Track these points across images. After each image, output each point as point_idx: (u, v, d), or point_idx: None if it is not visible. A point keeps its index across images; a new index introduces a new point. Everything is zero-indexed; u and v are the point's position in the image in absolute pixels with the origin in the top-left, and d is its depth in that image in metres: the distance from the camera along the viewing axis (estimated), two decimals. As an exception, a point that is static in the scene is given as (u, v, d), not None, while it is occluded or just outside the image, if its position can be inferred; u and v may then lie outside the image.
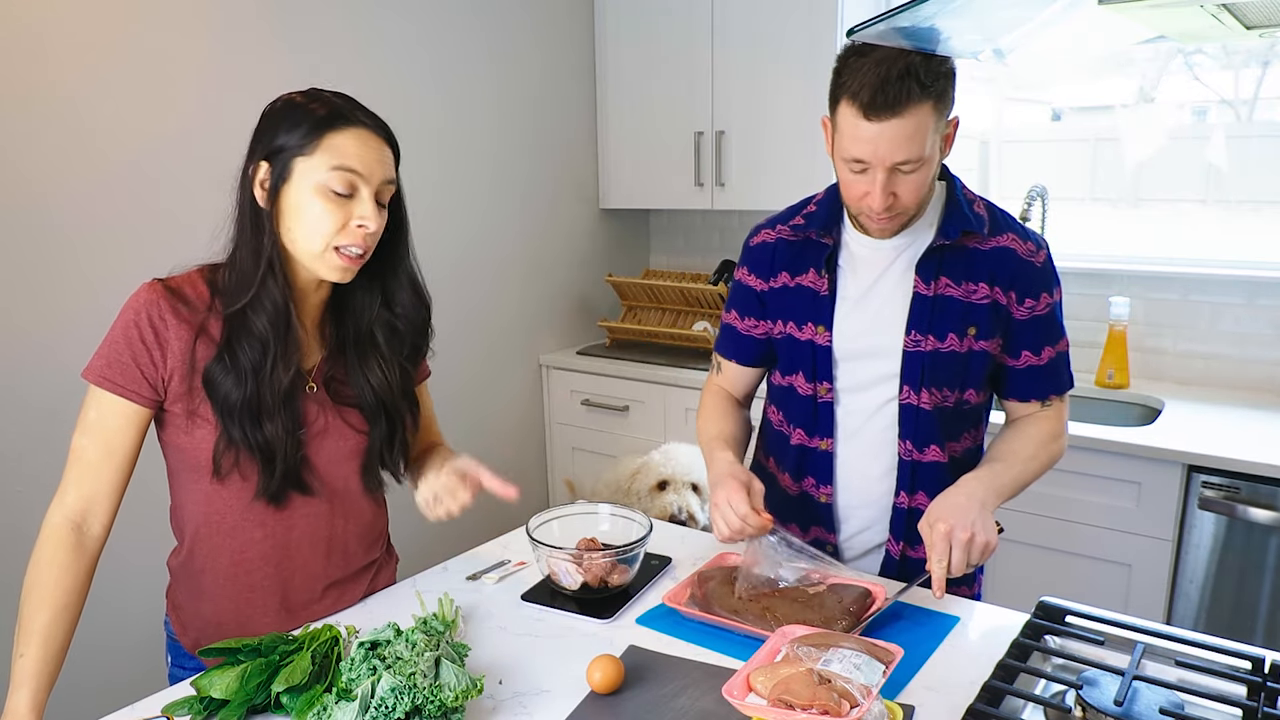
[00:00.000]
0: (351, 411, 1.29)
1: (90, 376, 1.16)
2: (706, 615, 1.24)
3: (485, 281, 2.89)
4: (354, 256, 1.17)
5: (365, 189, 1.16)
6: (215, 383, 1.16)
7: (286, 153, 1.14)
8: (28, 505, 1.84)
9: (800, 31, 2.67)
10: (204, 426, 1.18)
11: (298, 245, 1.17)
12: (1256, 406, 2.34)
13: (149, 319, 1.16)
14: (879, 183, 1.24)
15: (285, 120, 1.15)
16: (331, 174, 1.13)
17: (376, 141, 1.18)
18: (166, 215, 2.05)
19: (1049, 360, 1.39)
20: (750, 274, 1.49)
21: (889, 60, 1.18)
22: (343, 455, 1.28)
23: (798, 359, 1.44)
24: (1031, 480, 1.39)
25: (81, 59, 1.89)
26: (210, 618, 1.28)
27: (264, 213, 1.16)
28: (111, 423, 1.16)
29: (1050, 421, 1.42)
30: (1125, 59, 2.70)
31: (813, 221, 1.42)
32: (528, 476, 3.19)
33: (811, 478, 1.47)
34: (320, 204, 1.14)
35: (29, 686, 1.07)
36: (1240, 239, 2.56)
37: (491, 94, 2.82)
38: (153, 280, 1.20)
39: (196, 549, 1.26)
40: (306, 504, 1.27)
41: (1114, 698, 0.99)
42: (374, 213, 1.16)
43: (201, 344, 1.17)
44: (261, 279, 1.16)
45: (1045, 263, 1.37)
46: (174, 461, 1.24)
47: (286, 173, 1.14)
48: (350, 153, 1.14)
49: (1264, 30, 1.38)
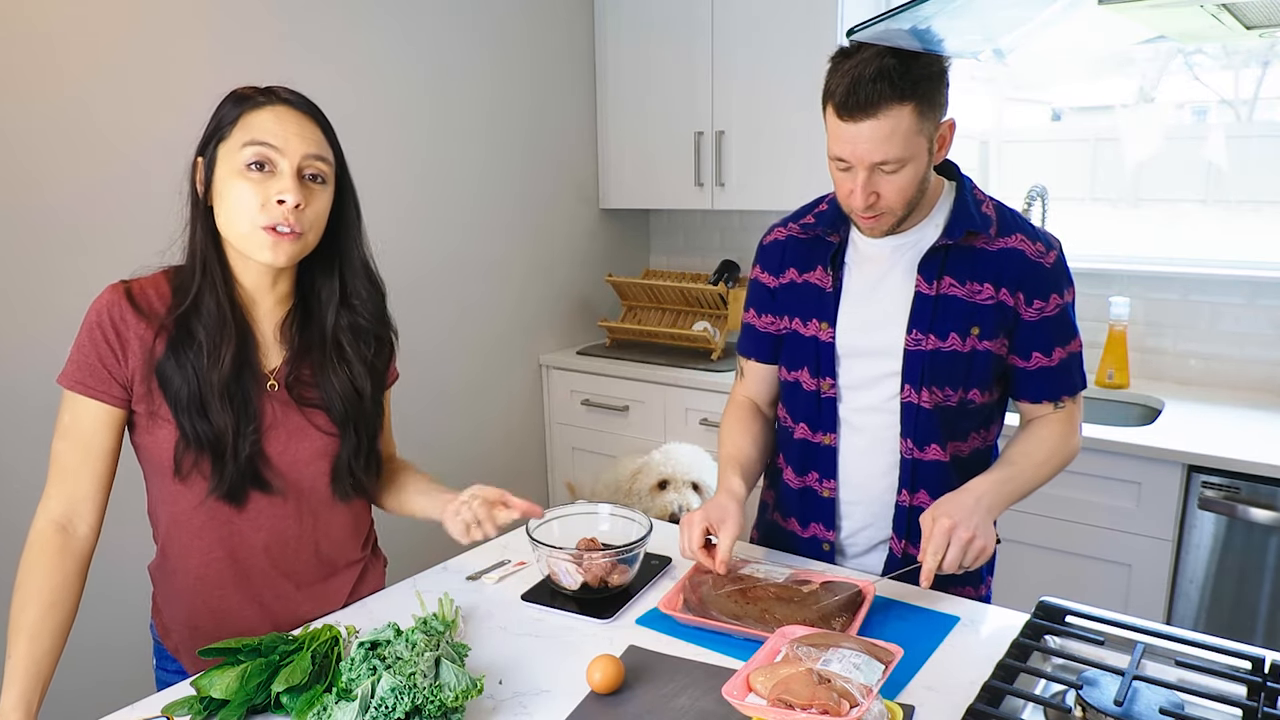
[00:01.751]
0: (317, 413, 1.28)
1: (64, 382, 1.17)
2: (704, 620, 1.24)
3: (485, 281, 2.89)
4: (282, 234, 1.15)
5: (284, 162, 1.15)
6: (166, 378, 1.17)
7: (212, 143, 1.16)
8: (27, 505, 1.83)
9: (800, 31, 2.67)
10: (164, 426, 1.19)
11: (230, 230, 1.17)
12: (1256, 406, 2.34)
13: (110, 320, 1.17)
14: (860, 182, 1.27)
15: (215, 113, 1.18)
16: (245, 150, 1.14)
17: (295, 115, 1.17)
18: (168, 215, 2.04)
19: (1060, 361, 1.39)
20: (763, 271, 1.52)
21: (865, 62, 1.21)
22: (309, 455, 1.27)
23: (802, 354, 1.46)
24: (1042, 484, 1.40)
25: (85, 59, 1.89)
26: (185, 620, 1.28)
27: (200, 205, 1.18)
28: (86, 425, 1.17)
29: (1063, 423, 1.41)
30: (1125, 59, 2.70)
31: (822, 220, 1.45)
32: (528, 476, 3.19)
33: (815, 472, 1.48)
34: (241, 183, 1.14)
35: (15, 686, 1.07)
36: (1240, 239, 2.56)
37: (491, 94, 2.82)
38: (115, 283, 1.21)
39: (168, 550, 1.27)
40: (271, 504, 1.26)
41: (1114, 698, 0.99)
42: (293, 186, 1.14)
43: (160, 344, 1.18)
44: (200, 270, 1.18)
45: (1056, 263, 1.36)
46: (143, 463, 1.24)
47: (213, 161, 1.16)
48: (264, 128, 1.14)
49: (1264, 30, 1.38)
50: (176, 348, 1.17)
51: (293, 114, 1.17)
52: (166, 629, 1.31)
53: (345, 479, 1.30)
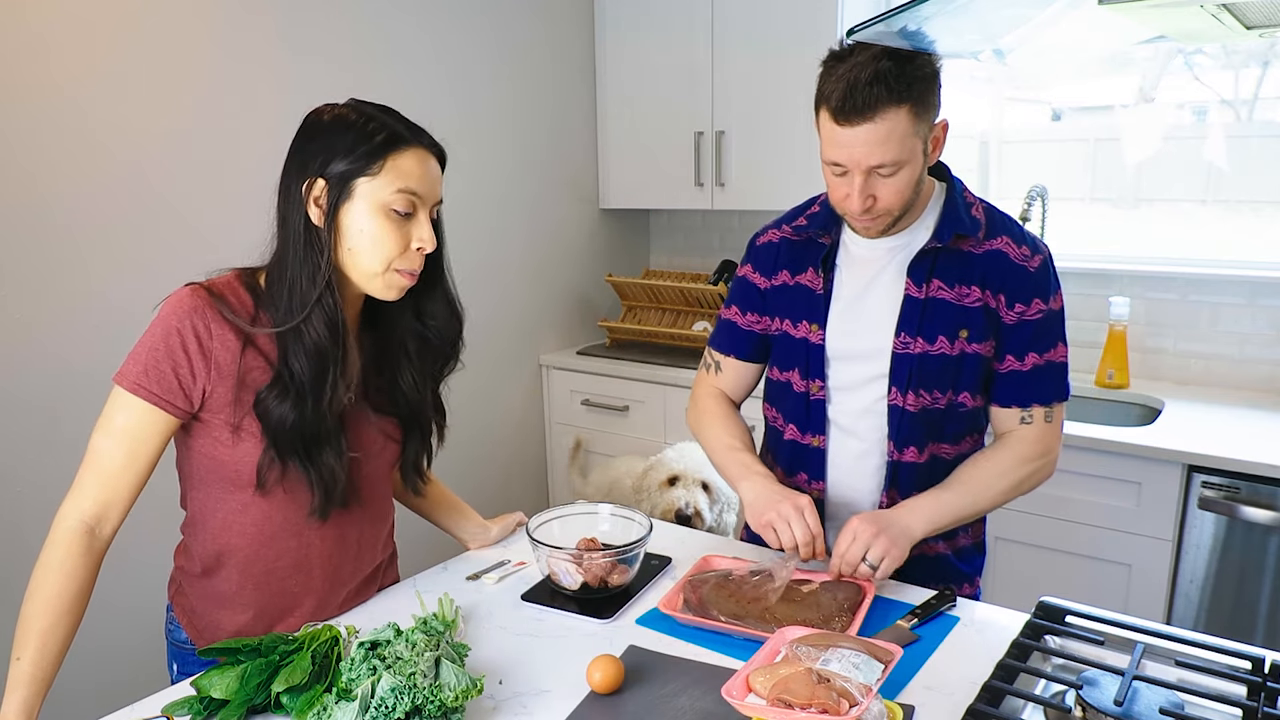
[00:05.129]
0: (388, 421, 1.30)
1: (124, 383, 1.13)
2: (704, 621, 1.24)
3: (485, 281, 2.89)
4: (411, 276, 1.19)
5: (423, 211, 1.17)
6: (269, 409, 1.14)
7: (349, 173, 1.13)
8: (28, 505, 1.85)
9: (800, 31, 2.67)
10: (249, 440, 1.16)
11: (358, 265, 1.16)
12: (1256, 406, 2.34)
13: (193, 328, 1.13)
14: (857, 185, 1.26)
15: (341, 138, 1.13)
16: (396, 195, 1.14)
17: (434, 163, 1.19)
18: (168, 215, 2.05)
19: (1033, 367, 1.36)
20: (755, 271, 1.52)
21: (860, 65, 1.21)
22: (381, 464, 1.31)
23: (793, 356, 1.46)
24: (992, 506, 1.38)
25: (85, 59, 1.89)
26: (231, 627, 1.26)
27: (320, 231, 1.14)
28: (141, 431, 1.13)
29: (1028, 445, 1.37)
30: (1125, 59, 2.70)
31: (814, 222, 1.44)
32: (528, 476, 3.19)
33: (804, 473, 1.48)
34: (383, 224, 1.14)
35: (22, 692, 1.05)
36: (1240, 239, 2.56)
37: (491, 94, 2.82)
38: (194, 285, 1.17)
39: (225, 560, 1.24)
40: (343, 513, 1.28)
41: (1114, 698, 0.99)
42: (431, 235, 1.18)
43: (249, 355, 1.15)
44: (319, 298, 1.14)
45: (1040, 269, 1.35)
46: (205, 471, 1.21)
47: (348, 192, 1.13)
48: (414, 174, 1.15)
49: (1264, 30, 1.38)
50: (285, 370, 1.15)
51: (432, 160, 1.19)
52: (200, 633, 1.28)
53: (413, 475, 1.37)
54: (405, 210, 1.15)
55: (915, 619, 1.26)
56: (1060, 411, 1.40)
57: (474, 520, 1.55)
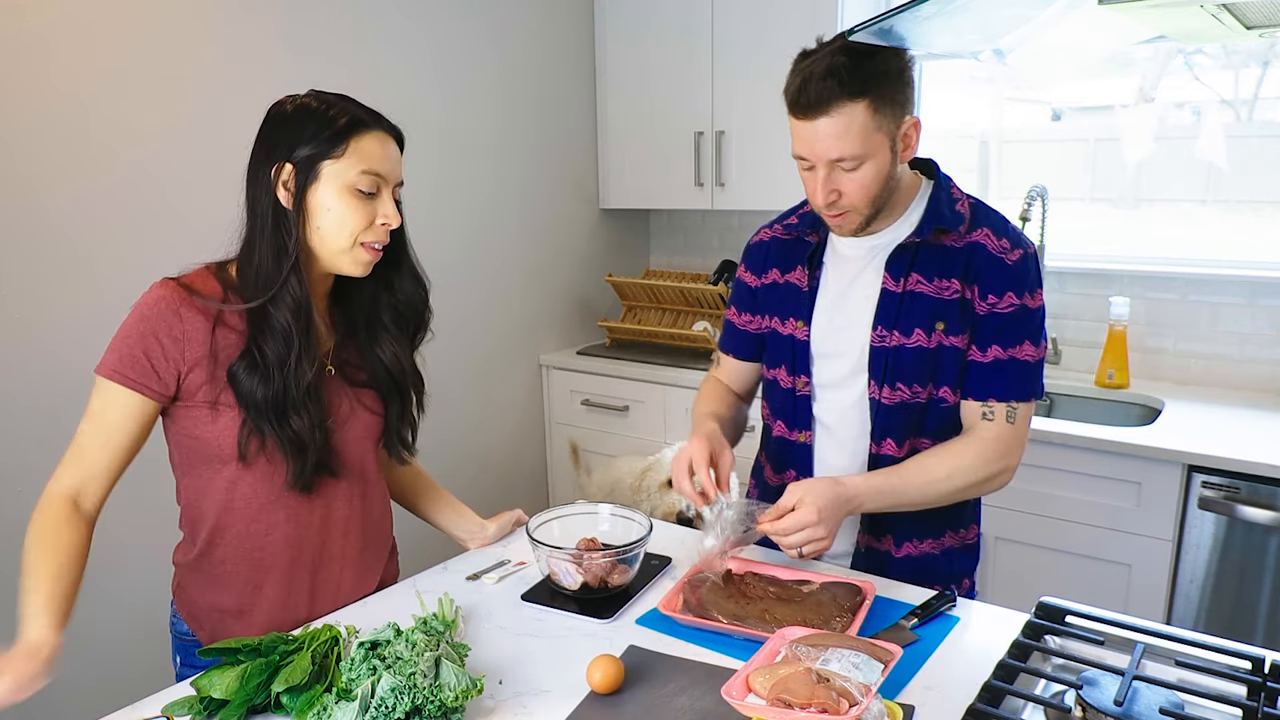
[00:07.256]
0: (367, 392, 1.35)
1: (102, 371, 1.19)
2: (704, 621, 1.24)
3: (485, 281, 2.89)
4: (376, 250, 1.26)
5: (386, 190, 1.25)
6: (240, 380, 1.20)
7: (314, 156, 1.19)
8: (28, 505, 1.83)
9: (800, 31, 2.63)
10: (228, 413, 1.21)
11: (325, 242, 1.23)
12: (1256, 406, 2.34)
13: (164, 315, 1.19)
14: (820, 179, 1.29)
15: (305, 124, 1.20)
16: (360, 176, 1.21)
17: (393, 145, 1.26)
18: (168, 215, 2.05)
19: (994, 360, 1.34)
20: (747, 271, 1.55)
21: (816, 61, 1.25)
22: (361, 434, 1.35)
23: (780, 353, 1.48)
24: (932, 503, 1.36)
25: (85, 59, 1.89)
26: (230, 607, 1.30)
27: (288, 212, 1.21)
28: (114, 412, 1.19)
29: (988, 444, 1.34)
30: (1125, 59, 2.70)
31: (804, 220, 1.47)
32: (528, 476, 3.19)
33: (792, 469, 1.49)
34: (349, 202, 1.21)
35: (47, 614, 1.07)
36: (1240, 239, 2.56)
37: (491, 94, 2.82)
38: (165, 279, 1.23)
39: (217, 539, 1.28)
40: (330, 485, 1.31)
41: (1114, 698, 0.99)
42: (394, 211, 1.25)
43: (220, 332, 1.21)
44: (285, 276, 1.20)
45: (1019, 263, 1.33)
46: (190, 453, 1.25)
47: (314, 175, 1.20)
48: (375, 155, 1.22)
49: (1264, 30, 1.38)
50: (254, 345, 1.20)
51: (391, 142, 1.26)
52: (200, 621, 1.32)
53: (395, 445, 1.40)
54: (369, 190, 1.22)
55: (915, 619, 1.26)
56: (1024, 413, 1.35)
57: (471, 519, 1.57)
